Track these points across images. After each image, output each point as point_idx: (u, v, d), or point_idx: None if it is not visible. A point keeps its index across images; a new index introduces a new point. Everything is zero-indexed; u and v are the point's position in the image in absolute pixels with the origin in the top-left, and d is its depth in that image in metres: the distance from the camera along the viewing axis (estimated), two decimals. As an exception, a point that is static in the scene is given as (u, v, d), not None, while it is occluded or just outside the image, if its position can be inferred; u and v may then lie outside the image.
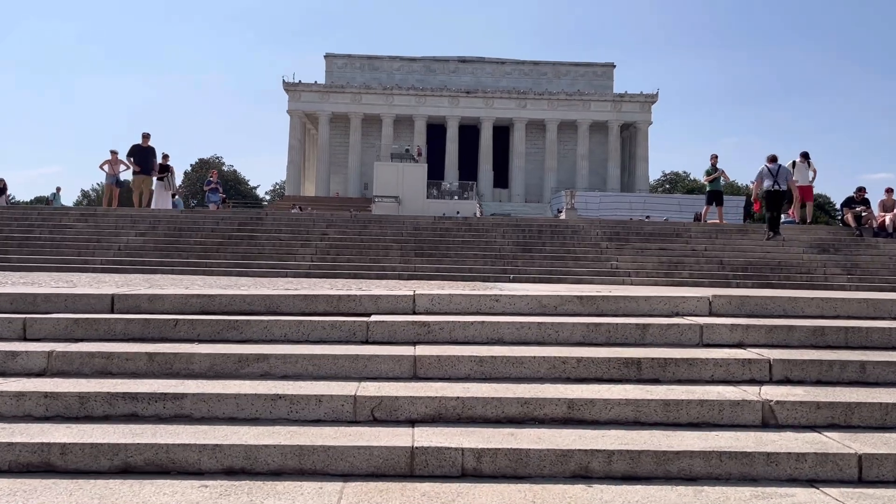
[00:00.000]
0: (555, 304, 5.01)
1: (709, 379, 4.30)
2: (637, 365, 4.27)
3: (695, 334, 4.67)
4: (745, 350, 4.58)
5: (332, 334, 4.60)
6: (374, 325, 4.62)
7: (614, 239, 16.44)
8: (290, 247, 15.23)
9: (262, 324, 4.57)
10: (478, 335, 4.61)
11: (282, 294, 4.98)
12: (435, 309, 5.01)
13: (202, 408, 3.83)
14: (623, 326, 4.63)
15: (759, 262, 15.35)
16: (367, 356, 4.25)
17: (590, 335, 4.63)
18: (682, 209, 65.35)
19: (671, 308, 5.05)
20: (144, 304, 4.97)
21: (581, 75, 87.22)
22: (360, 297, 4.99)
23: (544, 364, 4.24)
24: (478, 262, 14.53)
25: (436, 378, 4.21)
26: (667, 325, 4.68)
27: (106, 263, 13.80)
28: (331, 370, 4.22)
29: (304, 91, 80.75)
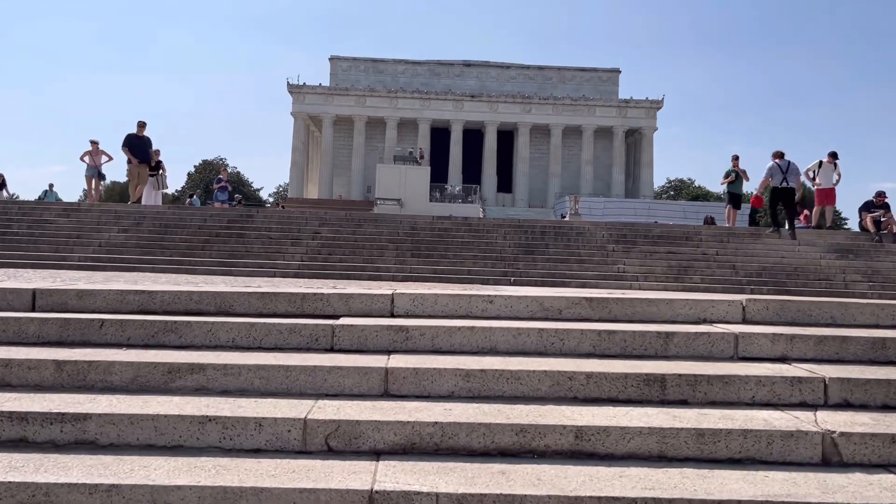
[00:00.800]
0: (559, 306, 4.20)
1: (749, 401, 3.47)
2: (660, 383, 3.43)
3: (728, 345, 3.84)
4: (791, 365, 3.74)
5: (290, 340, 3.79)
6: (342, 329, 3.80)
7: (621, 241, 15.60)
8: (280, 245, 14.42)
9: (205, 326, 3.75)
10: (466, 343, 3.79)
11: (236, 291, 4.18)
12: (417, 311, 4.19)
13: (111, 432, 3.01)
14: (642, 335, 3.80)
15: (775, 267, 14.50)
16: (328, 368, 3.42)
17: (601, 345, 3.80)
18: (687, 216, 64.48)
19: (698, 313, 4.23)
20: (72, 302, 4.16)
21: (586, 80, 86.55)
22: (329, 297, 4.18)
23: (546, 380, 3.40)
24: (477, 264, 13.71)
25: (411, 396, 3.38)
26: (694, 334, 3.84)
27: (84, 260, 13.02)
28: (282, 384, 3.40)
29: (309, 93, 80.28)
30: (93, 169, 19.67)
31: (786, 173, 16.06)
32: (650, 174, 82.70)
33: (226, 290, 4.21)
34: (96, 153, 19.70)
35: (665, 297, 4.37)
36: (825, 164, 16.89)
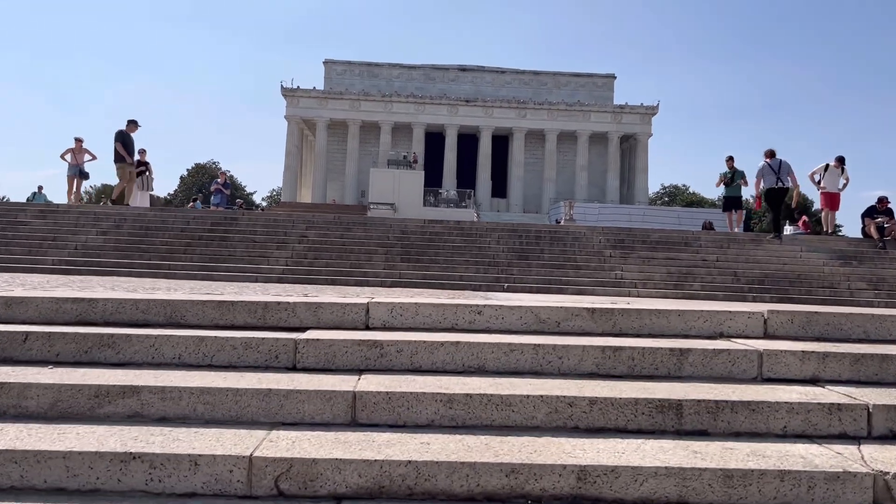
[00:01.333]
0: (557, 318, 3.67)
1: (780, 432, 2.94)
2: (676, 410, 2.90)
3: (751, 364, 3.32)
4: (825, 388, 3.22)
5: (246, 357, 3.24)
6: (306, 344, 3.25)
7: (618, 247, 15.09)
8: (264, 249, 13.87)
9: (147, 341, 3.20)
10: (450, 361, 3.25)
11: (190, 299, 3.64)
12: (395, 323, 3.67)
13: (12, 473, 2.45)
14: (652, 352, 3.27)
15: (777, 274, 14.02)
16: (286, 391, 2.87)
17: (606, 363, 3.28)
18: (682, 222, 64.19)
19: (713, 326, 3.71)
20: (0, 311, 3.61)
21: (581, 86, 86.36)
22: (295, 306, 3.64)
23: (542, 407, 2.86)
24: (469, 270, 13.18)
25: (383, 426, 2.84)
26: (712, 352, 3.32)
27: (57, 264, 12.44)
28: (231, 411, 2.86)
29: (303, 97, 79.85)
30: (75, 168, 18.94)
31: (778, 173, 15.68)
32: (645, 180, 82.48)
33: (178, 297, 3.67)
34: (79, 151, 18.98)
35: (676, 307, 3.84)
36: (832, 168, 16.43)
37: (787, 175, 15.88)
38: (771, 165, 15.78)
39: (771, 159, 15.89)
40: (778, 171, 15.69)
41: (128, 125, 17.82)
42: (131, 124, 17.85)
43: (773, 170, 15.70)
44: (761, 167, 15.95)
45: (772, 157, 15.94)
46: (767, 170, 15.76)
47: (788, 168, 15.98)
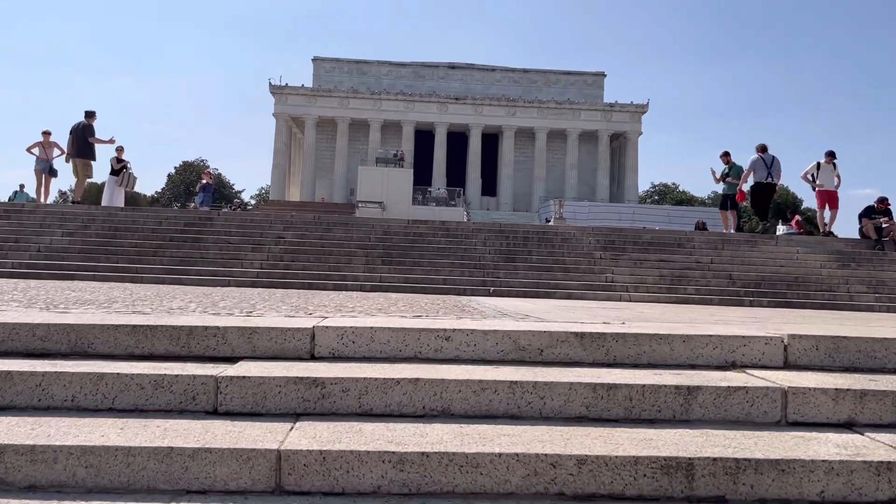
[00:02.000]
0: (541, 344, 3.06)
1: (817, 499, 2.33)
2: (686, 471, 2.28)
3: (774, 405, 2.71)
4: (865, 436, 2.62)
5: (157, 398, 2.61)
6: (230, 382, 2.62)
7: (609, 248, 14.52)
8: (238, 251, 13.21)
9: (34, 379, 2.55)
10: (407, 403, 2.63)
11: (101, 324, 3.01)
12: (346, 351, 3.04)
13: None
14: (654, 390, 2.66)
15: (773, 276, 13.49)
16: (192, 450, 2.23)
17: (598, 405, 2.66)
18: (672, 220, 63.97)
19: (725, 354, 3.11)
20: None
21: (571, 84, 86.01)
22: (226, 331, 3.01)
23: (518, 468, 2.24)
24: (454, 273, 12.57)
25: (316, 494, 2.21)
26: (726, 390, 2.70)
27: (18, 267, 11.77)
28: (122, 476, 2.23)
29: (291, 94, 79.15)
30: (44, 163, 17.96)
31: (770, 168, 15.35)
32: (635, 179, 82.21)
33: (85, 321, 3.04)
34: (48, 145, 18.05)
35: (680, 331, 3.24)
36: (824, 165, 15.92)
37: (778, 172, 15.55)
38: (764, 160, 15.42)
39: (764, 153, 15.52)
40: (770, 167, 15.35)
41: (91, 117, 16.86)
42: (93, 116, 16.90)
43: (765, 164, 15.37)
44: (754, 160, 15.57)
45: (764, 151, 15.60)
46: (760, 164, 15.42)
47: (779, 164, 15.65)
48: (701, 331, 3.28)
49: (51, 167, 18.34)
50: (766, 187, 15.41)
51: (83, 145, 16.47)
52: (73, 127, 16.51)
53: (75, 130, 16.46)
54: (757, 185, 15.44)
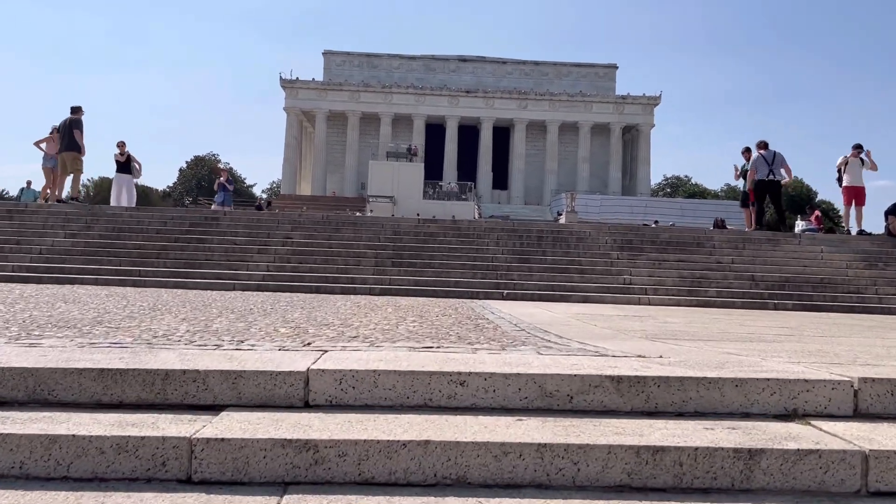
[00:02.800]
0: (570, 390, 2.64)
1: None
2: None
3: (852, 472, 2.27)
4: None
5: (120, 465, 2.21)
6: (208, 445, 2.22)
7: (626, 248, 14.06)
8: (244, 252, 12.85)
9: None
10: (415, 469, 2.22)
11: (63, 368, 2.62)
12: (346, 398, 2.64)
13: None
14: (708, 454, 2.23)
15: (798, 277, 12.99)
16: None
17: (642, 471, 2.24)
18: (685, 214, 63.38)
19: (784, 401, 2.68)
20: None
21: (583, 76, 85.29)
22: (207, 375, 2.62)
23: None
24: (466, 275, 12.16)
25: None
26: (795, 453, 2.25)
27: (18, 270, 11.46)
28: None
29: (302, 88, 78.93)
30: (52, 159, 17.62)
31: (771, 165, 15.02)
32: (647, 171, 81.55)
33: (46, 365, 2.65)
34: (55, 140, 17.71)
35: (732, 373, 2.81)
36: (851, 160, 15.37)
37: (781, 167, 15.18)
38: (764, 157, 15.14)
39: (764, 150, 15.20)
40: (771, 163, 15.03)
41: (78, 112, 16.46)
42: (79, 111, 16.40)
43: (766, 162, 15.07)
44: (755, 158, 15.30)
45: (765, 148, 15.33)
46: (761, 162, 15.16)
47: (782, 160, 15.36)
48: (755, 372, 2.85)
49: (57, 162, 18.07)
50: (768, 184, 15.11)
51: (70, 140, 16.03)
52: (61, 123, 16.26)
53: (62, 126, 16.19)
54: (759, 183, 15.15)
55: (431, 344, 3.61)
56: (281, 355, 3.03)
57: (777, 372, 2.84)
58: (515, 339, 4.30)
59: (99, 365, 2.68)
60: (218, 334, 3.98)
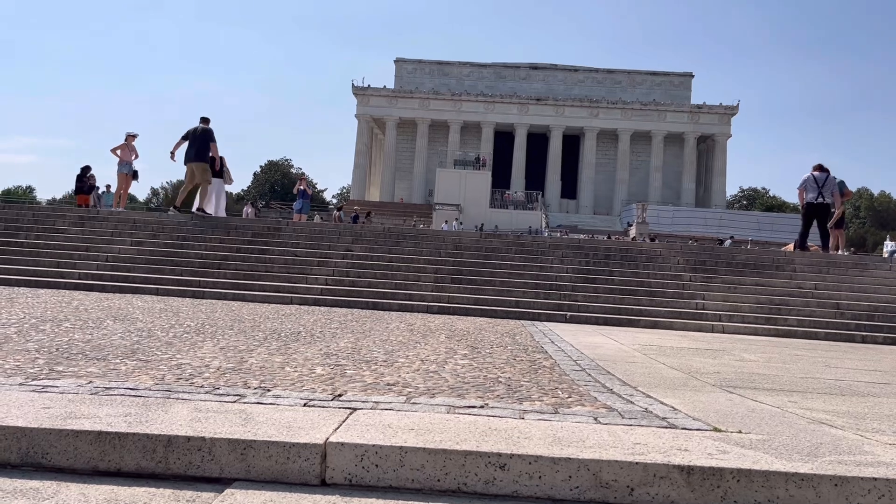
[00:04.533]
0: (630, 480, 2.22)
1: None
2: None
3: None
4: None
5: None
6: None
7: (699, 269, 13.35)
8: (304, 265, 12.74)
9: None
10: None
11: (59, 429, 2.36)
12: (368, 478, 2.29)
13: None
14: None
15: (889, 307, 12.04)
16: None
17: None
18: (761, 227, 61.04)
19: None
20: None
21: (657, 85, 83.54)
22: (214, 444, 2.31)
23: None
24: (527, 294, 11.72)
25: None
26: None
27: (84, 278, 11.62)
28: None
29: (373, 95, 79.87)
30: (126, 165, 17.60)
31: (821, 188, 14.57)
32: (722, 183, 79.15)
33: (39, 425, 2.40)
34: (131, 148, 17.68)
35: (830, 468, 2.33)
36: None
37: (832, 192, 14.74)
38: (816, 179, 14.62)
39: (818, 173, 14.66)
40: (821, 186, 14.51)
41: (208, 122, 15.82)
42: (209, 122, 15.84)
43: (816, 184, 14.58)
44: (805, 179, 14.95)
45: (820, 170, 14.80)
46: (811, 183, 14.83)
47: (834, 185, 14.90)
48: (858, 465, 2.36)
49: (134, 170, 18.22)
50: (816, 207, 14.64)
51: (204, 149, 15.56)
52: (191, 132, 15.67)
53: (194, 135, 15.62)
54: (808, 206, 14.69)
55: (475, 400, 3.23)
56: (303, 415, 2.71)
57: (887, 466, 2.34)
58: (572, 388, 3.88)
59: (97, 427, 2.40)
60: (249, 374, 3.70)
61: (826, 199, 14.78)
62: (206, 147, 15.59)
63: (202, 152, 15.62)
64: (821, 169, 15.03)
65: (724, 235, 48.31)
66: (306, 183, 26.38)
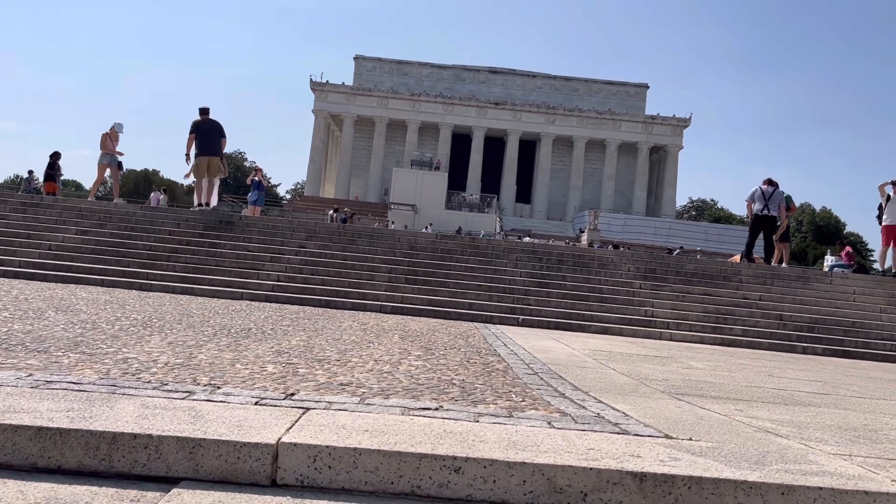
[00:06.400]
0: (584, 486, 2.23)
1: None
2: None
3: None
4: None
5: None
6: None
7: (650, 277, 13.58)
8: (256, 260, 12.56)
9: None
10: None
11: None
12: (320, 479, 2.25)
13: None
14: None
15: (828, 319, 12.43)
16: None
17: None
18: (709, 238, 62.43)
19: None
20: None
21: (613, 94, 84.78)
22: (161, 442, 2.24)
23: None
24: (481, 296, 11.76)
25: None
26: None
27: (25, 266, 11.23)
28: None
29: (331, 92, 79.19)
30: (109, 156, 17.09)
31: (767, 200, 15.18)
32: (673, 193, 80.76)
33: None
34: (116, 139, 17.18)
35: (777, 477, 2.38)
36: (894, 196, 14.84)
37: (778, 205, 15.30)
38: (763, 192, 15.20)
39: (766, 186, 15.41)
40: (768, 199, 15.09)
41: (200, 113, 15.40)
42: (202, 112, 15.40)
43: (763, 196, 15.15)
44: (753, 191, 15.50)
45: (769, 184, 15.54)
46: (758, 195, 15.49)
47: (781, 198, 15.46)
48: (804, 475, 2.41)
49: (119, 161, 17.73)
50: (763, 219, 15.28)
51: (217, 143, 15.16)
52: (199, 125, 15.11)
53: (205, 127, 15.08)
54: (755, 217, 15.31)
55: (430, 402, 3.21)
56: (254, 414, 2.65)
57: (832, 476, 2.40)
58: (526, 392, 3.89)
59: (38, 422, 2.31)
60: (198, 371, 3.61)
61: (772, 211, 15.22)
62: (218, 140, 15.33)
63: (216, 146, 15.31)
64: (770, 183, 15.48)
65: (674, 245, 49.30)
66: (261, 174, 25.92)
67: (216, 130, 15.32)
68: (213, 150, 15.23)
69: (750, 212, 15.58)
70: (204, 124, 15.29)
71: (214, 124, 15.36)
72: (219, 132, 15.39)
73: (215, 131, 15.30)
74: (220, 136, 15.39)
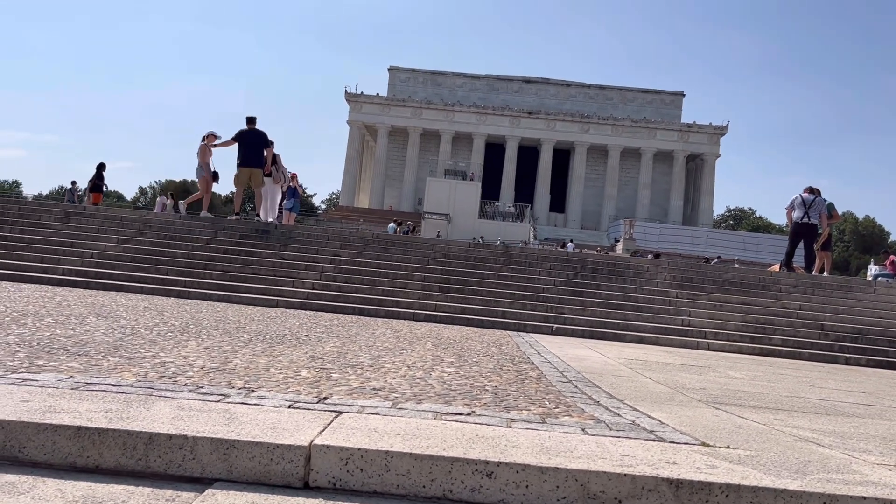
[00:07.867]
0: (619, 492, 2.19)
1: None
2: None
3: None
4: None
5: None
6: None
7: (686, 286, 13.39)
8: (291, 268, 12.67)
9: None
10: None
11: (37, 423, 2.31)
12: (352, 482, 2.25)
13: None
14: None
15: (872, 329, 12.11)
16: None
17: None
18: (747, 248, 61.42)
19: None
20: None
21: (648, 102, 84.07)
22: (196, 443, 2.27)
23: None
24: (514, 305, 11.70)
25: None
26: None
27: (68, 274, 11.48)
28: None
29: (366, 102, 79.84)
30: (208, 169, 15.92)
31: (808, 208, 14.81)
32: (710, 202, 79.63)
33: (18, 418, 2.34)
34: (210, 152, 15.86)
35: (819, 486, 2.32)
36: None
37: (819, 212, 14.95)
38: (804, 199, 14.92)
39: (807, 194, 15.13)
40: (808, 207, 14.76)
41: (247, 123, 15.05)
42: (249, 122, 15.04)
43: (804, 204, 14.95)
44: (793, 199, 15.23)
45: (810, 192, 15.22)
46: (798, 203, 15.08)
47: (822, 206, 15.09)
48: (847, 484, 2.34)
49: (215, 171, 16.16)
50: (802, 227, 14.94)
51: (259, 154, 14.86)
52: (243, 134, 14.81)
53: (249, 137, 14.76)
54: (795, 225, 14.97)
55: (462, 408, 3.19)
56: (287, 417, 2.66)
57: (876, 486, 2.33)
58: (559, 399, 3.85)
59: (77, 422, 2.35)
60: (233, 374, 3.65)
61: (812, 219, 14.92)
62: (260, 151, 14.93)
63: (259, 158, 14.93)
64: (811, 191, 15.20)
65: (711, 254, 48.59)
66: (296, 181, 26.05)
67: (261, 142, 14.96)
68: (256, 161, 14.95)
69: (790, 220, 15.29)
70: (248, 134, 14.97)
71: (260, 135, 15.04)
72: (263, 142, 15.03)
73: (260, 143, 14.95)
74: (263, 146, 14.98)
